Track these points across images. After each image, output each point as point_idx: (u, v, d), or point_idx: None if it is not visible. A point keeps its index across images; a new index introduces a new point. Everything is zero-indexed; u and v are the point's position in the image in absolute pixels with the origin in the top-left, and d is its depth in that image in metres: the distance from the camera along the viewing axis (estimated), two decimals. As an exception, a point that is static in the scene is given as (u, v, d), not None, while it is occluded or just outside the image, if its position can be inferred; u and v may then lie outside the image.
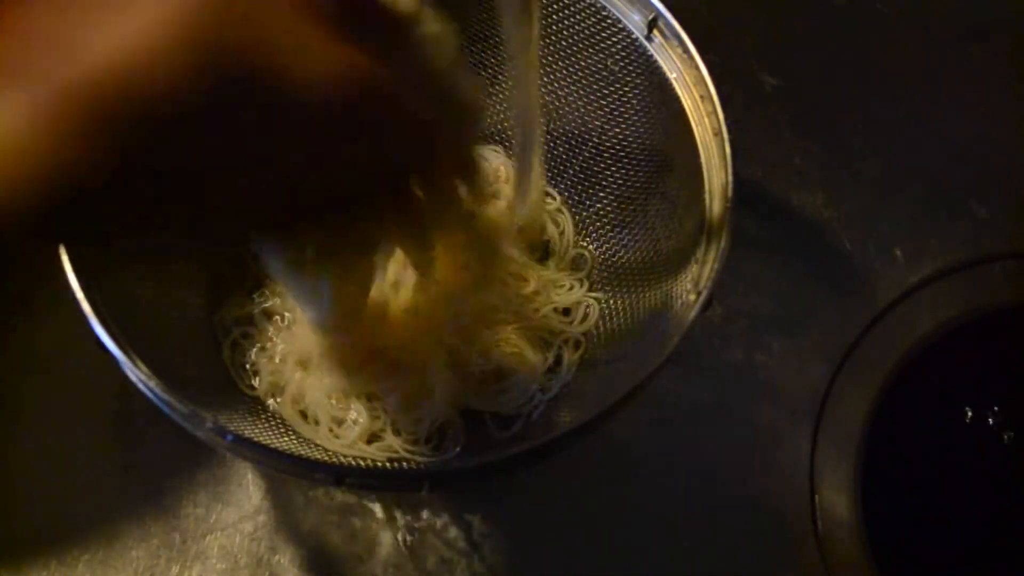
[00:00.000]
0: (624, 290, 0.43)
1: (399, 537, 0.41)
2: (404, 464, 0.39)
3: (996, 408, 0.50)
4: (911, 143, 0.52)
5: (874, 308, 0.47)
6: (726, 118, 0.36)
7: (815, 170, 0.51)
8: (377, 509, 0.41)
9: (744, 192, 0.50)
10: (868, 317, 0.46)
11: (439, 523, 0.41)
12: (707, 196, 0.36)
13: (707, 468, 0.43)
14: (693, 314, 0.33)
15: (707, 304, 0.33)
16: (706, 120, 0.37)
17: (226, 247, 0.38)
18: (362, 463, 0.39)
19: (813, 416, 0.44)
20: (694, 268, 0.36)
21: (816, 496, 0.42)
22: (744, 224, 0.49)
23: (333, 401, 0.40)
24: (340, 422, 0.40)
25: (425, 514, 0.41)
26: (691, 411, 0.44)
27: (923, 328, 0.46)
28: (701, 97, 0.37)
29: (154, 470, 0.41)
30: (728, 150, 0.36)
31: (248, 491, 0.41)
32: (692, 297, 0.35)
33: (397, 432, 0.40)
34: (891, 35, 0.56)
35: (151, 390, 0.30)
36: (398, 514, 0.41)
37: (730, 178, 0.36)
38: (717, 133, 0.36)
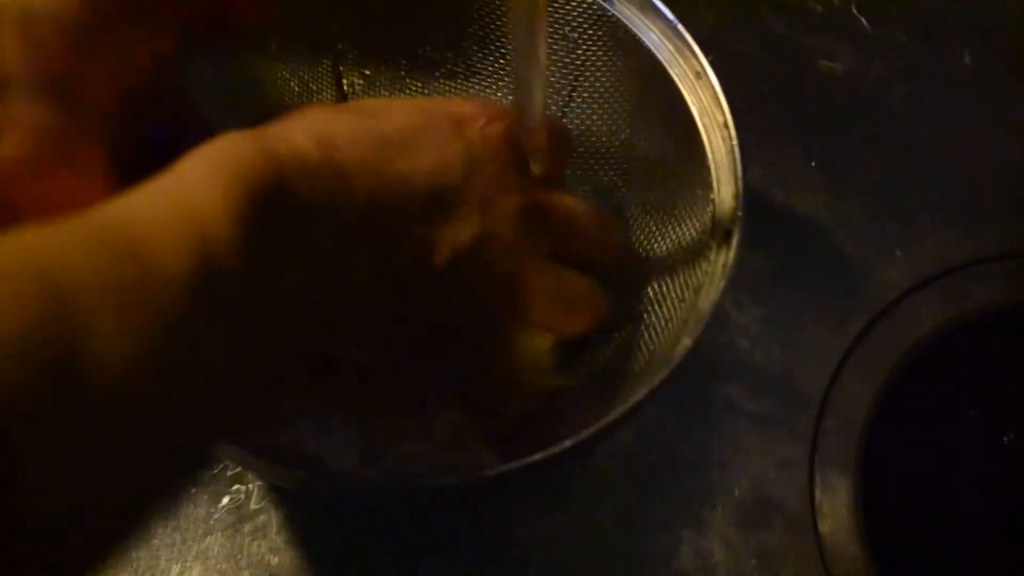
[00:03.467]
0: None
1: (400, 538, 0.41)
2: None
3: (997, 408, 0.50)
4: (912, 143, 0.52)
5: (874, 308, 0.47)
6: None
7: (815, 170, 0.51)
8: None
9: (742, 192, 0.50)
10: (868, 317, 0.46)
11: (443, 525, 0.41)
12: (704, 136, 0.35)
13: (705, 468, 0.43)
14: (732, 254, 0.32)
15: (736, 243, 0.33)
16: (683, 63, 0.36)
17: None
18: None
19: (813, 416, 0.44)
20: (712, 210, 0.35)
21: (816, 496, 0.42)
22: (744, 225, 0.49)
23: None
24: None
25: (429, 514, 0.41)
26: (689, 411, 0.44)
27: (923, 328, 0.46)
28: (676, 49, 0.36)
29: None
30: (718, 88, 0.35)
31: (249, 491, 0.41)
32: (719, 240, 0.33)
33: None
34: (892, 34, 0.56)
35: None
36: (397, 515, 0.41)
37: (728, 116, 0.35)
38: (700, 76, 0.35)
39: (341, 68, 0.44)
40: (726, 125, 0.35)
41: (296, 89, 0.43)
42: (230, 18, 0.28)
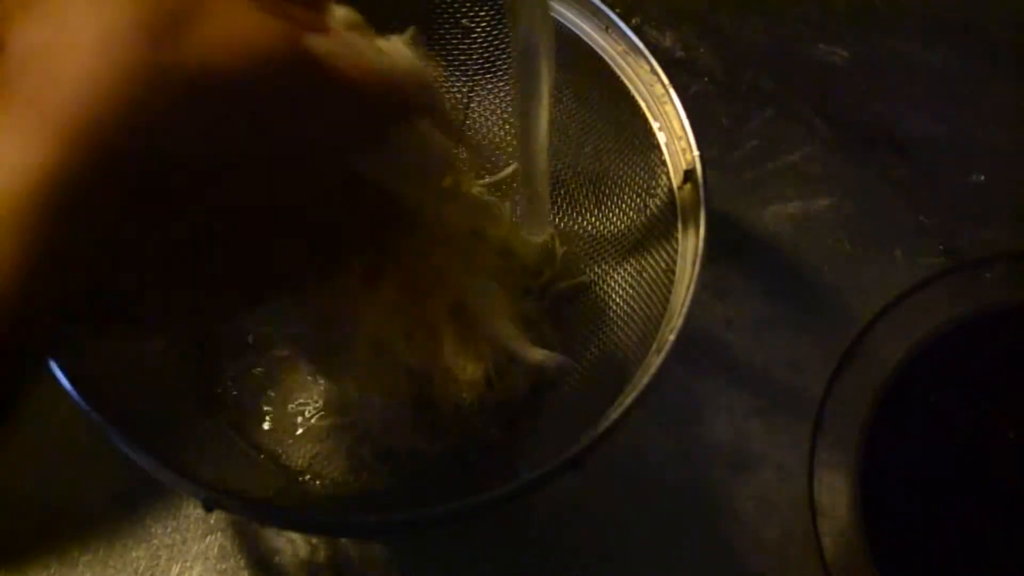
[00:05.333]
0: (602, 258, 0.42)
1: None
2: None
3: (997, 408, 0.50)
4: (911, 143, 0.52)
5: (874, 308, 0.47)
6: (729, 124, 0.36)
7: (815, 170, 0.51)
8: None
9: (743, 192, 0.50)
10: (868, 317, 0.46)
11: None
12: (633, 91, 0.36)
13: (705, 469, 0.43)
14: (702, 233, 0.32)
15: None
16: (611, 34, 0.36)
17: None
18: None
19: (813, 416, 0.44)
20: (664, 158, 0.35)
21: (816, 496, 0.42)
22: (743, 225, 0.49)
23: None
24: None
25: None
26: (689, 412, 0.44)
27: (923, 328, 0.46)
28: (606, 28, 0.37)
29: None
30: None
31: (248, 491, 0.41)
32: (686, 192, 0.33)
33: None
34: (891, 33, 0.56)
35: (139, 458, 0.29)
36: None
37: (653, 63, 0.35)
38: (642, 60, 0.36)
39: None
40: (653, 71, 0.35)
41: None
42: None
